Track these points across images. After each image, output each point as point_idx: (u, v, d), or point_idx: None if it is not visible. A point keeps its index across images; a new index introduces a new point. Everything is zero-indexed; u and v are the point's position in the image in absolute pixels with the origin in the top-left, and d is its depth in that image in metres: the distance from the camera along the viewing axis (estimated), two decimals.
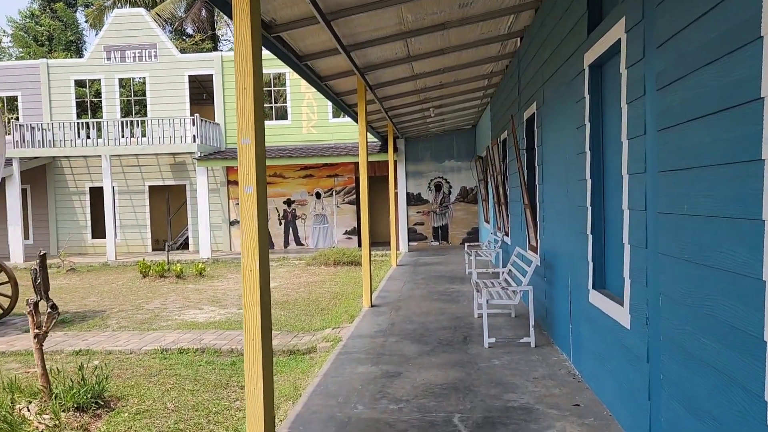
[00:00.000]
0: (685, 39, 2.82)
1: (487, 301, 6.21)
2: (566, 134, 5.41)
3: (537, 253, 7.09)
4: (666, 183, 3.07)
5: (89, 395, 5.08)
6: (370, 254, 8.83)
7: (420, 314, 8.02)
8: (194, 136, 17.57)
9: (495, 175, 11.71)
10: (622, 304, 3.85)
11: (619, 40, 3.79)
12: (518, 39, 8.23)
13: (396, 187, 18.02)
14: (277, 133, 19.08)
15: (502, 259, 10.48)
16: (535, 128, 7.11)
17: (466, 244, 12.42)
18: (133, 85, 20.87)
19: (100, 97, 20.25)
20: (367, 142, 8.90)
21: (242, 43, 3.43)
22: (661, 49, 3.11)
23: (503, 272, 7.66)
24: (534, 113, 7.18)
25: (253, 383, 3.46)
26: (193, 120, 17.59)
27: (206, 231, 17.69)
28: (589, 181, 4.62)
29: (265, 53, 5.56)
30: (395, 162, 17.70)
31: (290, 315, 9.13)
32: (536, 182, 7.29)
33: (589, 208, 4.62)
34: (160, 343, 7.39)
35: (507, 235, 10.33)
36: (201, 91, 21.24)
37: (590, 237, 4.62)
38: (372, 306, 8.74)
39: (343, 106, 10.19)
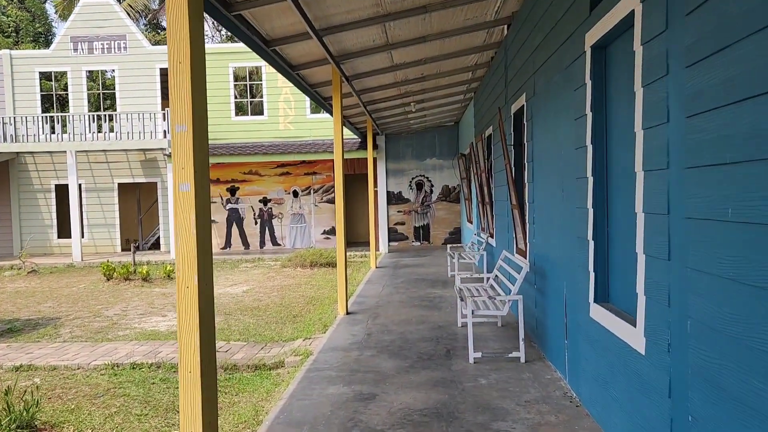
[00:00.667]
0: None
1: (472, 311, 5.62)
2: (562, 127, 4.83)
3: (526, 258, 6.52)
4: (698, 181, 2.49)
5: (15, 425, 4.38)
6: (346, 258, 8.20)
7: (399, 323, 7.41)
8: (165, 131, 16.75)
9: (479, 174, 11.15)
10: (634, 324, 3.27)
11: (632, 12, 3.21)
12: (505, 27, 7.66)
13: (376, 186, 17.41)
14: (252, 128, 18.34)
15: (486, 261, 9.92)
16: (525, 122, 6.54)
17: (449, 246, 11.87)
18: (102, 78, 19.96)
19: (67, 91, 19.31)
20: (343, 138, 8.27)
21: (176, 5, 2.75)
22: (692, 16, 2.52)
23: (489, 278, 7.09)
24: (523, 105, 6.60)
25: (190, 426, 2.81)
26: (164, 114, 16.77)
27: None
28: (590, 179, 4.04)
29: (240, 46, 4.96)
30: (375, 159, 17.08)
31: (260, 323, 8.46)
32: (525, 181, 6.73)
33: (591, 210, 4.04)
34: (112, 357, 6.68)
35: (492, 236, 9.77)
36: None
37: (591, 243, 4.05)
38: (348, 313, 8.11)
39: (318, 99, 9.53)
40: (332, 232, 18.34)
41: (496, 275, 7.00)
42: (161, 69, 18.70)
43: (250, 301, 10.31)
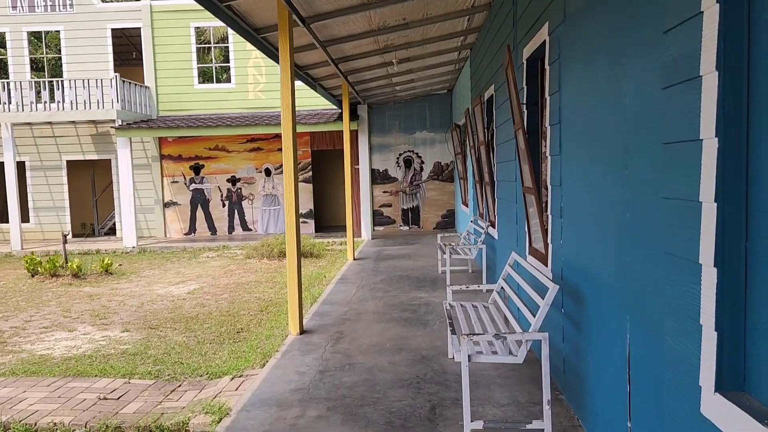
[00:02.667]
0: None
1: (469, 356, 3.59)
2: (631, 53, 2.76)
3: (547, 266, 4.49)
4: None
5: None
6: (300, 259, 6.14)
7: (368, 350, 5.40)
8: (113, 100, 14.54)
9: (476, 147, 9.06)
10: None
11: None
12: None
13: (357, 163, 15.32)
14: (218, 98, 16.14)
15: (486, 257, 7.89)
16: (546, 66, 4.46)
17: (440, 236, 9.80)
18: (46, 40, 17.63)
19: (6, 55, 16.99)
20: (293, 98, 6.18)
21: None
22: None
23: (493, 294, 5.05)
24: (544, 42, 4.51)
25: None
26: (112, 81, 14.54)
27: (130, 214, 14.79)
28: (712, 144, 1.99)
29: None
30: (356, 133, 14.96)
31: (190, 342, 6.44)
32: (546, 153, 4.68)
33: (714, 207, 2.00)
34: None
35: (493, 226, 7.73)
36: (130, 50, 18.11)
37: (714, 273, 2.01)
38: (302, 333, 6.10)
39: (267, 49, 7.39)
40: (309, 215, 16.28)
41: (502, 288, 4.97)
42: (114, 30, 16.41)
43: (191, 306, 8.28)
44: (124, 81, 14.91)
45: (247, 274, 10.80)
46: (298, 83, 15.68)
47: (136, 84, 15.45)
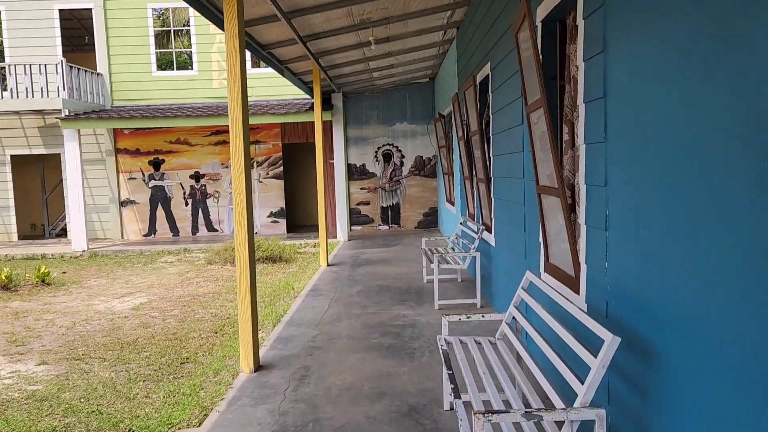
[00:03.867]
0: None
1: None
2: None
3: (579, 293, 3.32)
4: None
5: None
6: (253, 280, 4.89)
7: (340, 396, 4.20)
8: (59, 88, 13.06)
9: (466, 137, 7.90)
10: None
11: None
12: None
13: (331, 157, 14.08)
14: (179, 86, 14.73)
15: (480, 268, 6.70)
16: (579, 21, 3.28)
17: (424, 240, 8.60)
18: None
19: None
20: (243, 74, 4.93)
21: None
22: None
23: (502, 326, 3.86)
24: None
25: None
26: (58, 66, 13.05)
27: (80, 215, 13.34)
28: None
29: None
30: (330, 124, 13.70)
31: (121, 378, 5.16)
32: (571, 142, 3.52)
33: None
34: None
35: (489, 230, 6.56)
36: (82, 33, 16.56)
37: None
38: (258, 369, 4.87)
39: (210, 12, 6.09)
40: (281, 214, 14.98)
41: (514, 318, 3.79)
42: (62, 11, 14.87)
43: (132, 326, 6.98)
44: (72, 67, 13.42)
45: (206, 283, 9.49)
46: (267, 70, 14.42)
47: (86, 70, 13.97)
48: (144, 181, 14.96)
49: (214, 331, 6.64)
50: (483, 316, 3.90)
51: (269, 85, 14.69)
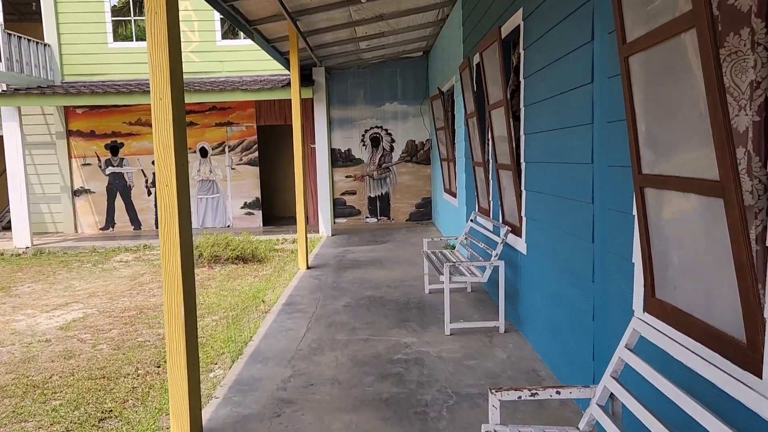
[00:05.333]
0: None
1: None
2: None
3: (763, 376, 1.79)
4: None
5: None
6: (189, 311, 3.29)
7: None
8: None
9: (480, 113, 6.37)
10: None
11: None
12: None
13: (312, 141, 12.47)
14: (139, 59, 12.95)
15: (503, 284, 5.13)
16: None
17: (426, 242, 6.95)
18: None
19: None
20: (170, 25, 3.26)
21: None
22: None
23: (591, 409, 2.33)
24: None
25: None
26: None
27: (22, 205, 11.58)
28: None
29: None
30: (311, 102, 12.07)
31: None
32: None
33: None
34: None
35: (517, 233, 5.01)
36: (27, 1, 14.62)
37: None
38: None
39: None
40: (256, 204, 13.33)
41: (612, 396, 2.25)
42: None
43: (53, 355, 5.36)
44: (11, 35, 11.60)
45: (161, 290, 7.87)
46: (240, 42, 12.71)
47: (30, 40, 12.14)
48: (100, 167, 13.21)
49: (155, 363, 5.05)
50: (558, 392, 2.35)
51: (242, 58, 12.98)
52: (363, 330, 5.34)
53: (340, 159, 13.06)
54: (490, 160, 6.09)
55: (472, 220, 6.57)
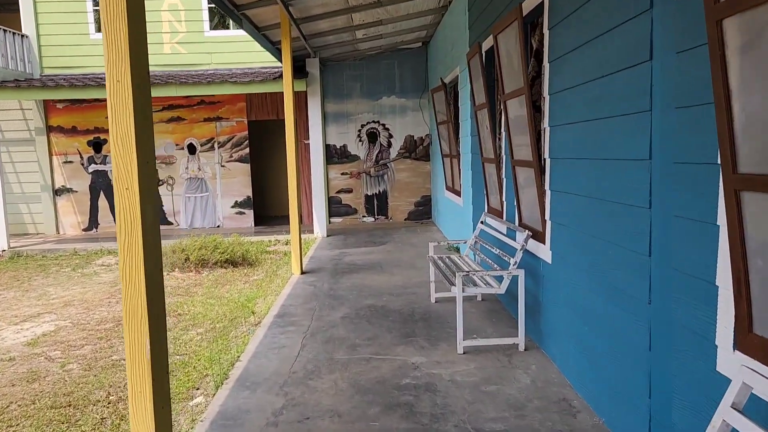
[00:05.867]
0: None
1: None
2: None
3: None
4: None
5: None
6: (154, 336, 2.69)
7: None
8: None
9: (492, 105, 5.80)
10: None
11: None
12: None
13: (306, 137, 11.88)
14: None
15: (524, 289, 4.55)
16: None
17: (432, 246, 6.30)
18: None
19: None
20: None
21: None
22: None
23: None
24: None
25: None
26: None
27: None
28: None
29: None
30: (305, 96, 11.45)
31: None
32: None
33: None
34: None
35: (540, 240, 4.43)
36: None
37: None
38: None
39: None
40: (247, 204, 12.71)
41: None
42: None
43: (15, 378, 4.75)
44: None
45: None
46: (230, 33, 12.07)
47: (6, 30, 11.46)
48: (83, 165, 12.56)
49: (120, 394, 4.45)
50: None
51: (231, 49, 12.34)
52: (364, 347, 4.76)
53: (335, 155, 12.46)
54: (504, 156, 5.51)
55: (482, 222, 5.99)
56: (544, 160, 4.23)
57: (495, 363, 4.28)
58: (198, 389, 4.26)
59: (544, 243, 4.30)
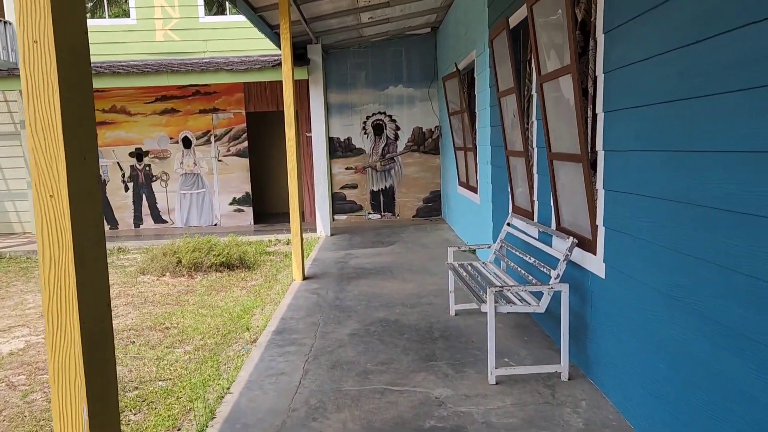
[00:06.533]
0: None
1: None
2: None
3: None
4: None
5: None
6: (95, 396, 1.97)
7: None
8: None
9: (522, 90, 5.06)
10: None
11: None
12: None
13: (308, 129, 11.15)
14: (112, 38, 11.56)
15: (567, 307, 3.81)
16: None
17: (451, 251, 5.47)
18: None
19: None
20: None
21: None
22: None
23: None
24: None
25: None
26: None
27: None
28: None
29: None
30: (306, 85, 10.71)
31: None
32: None
33: None
34: None
35: (589, 250, 3.68)
36: None
37: None
38: None
39: None
40: (246, 200, 11.99)
41: None
42: None
43: None
44: None
45: (126, 308, 6.54)
46: (227, 19, 11.31)
47: None
48: None
49: None
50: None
51: (228, 36, 11.58)
52: (378, 374, 4.03)
53: (339, 149, 11.72)
54: (535, 149, 4.77)
55: (508, 224, 5.25)
56: (597, 152, 3.49)
57: (536, 397, 3.55)
58: (179, 430, 3.54)
59: (594, 253, 3.57)
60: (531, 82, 4.99)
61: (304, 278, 7.08)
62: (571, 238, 3.80)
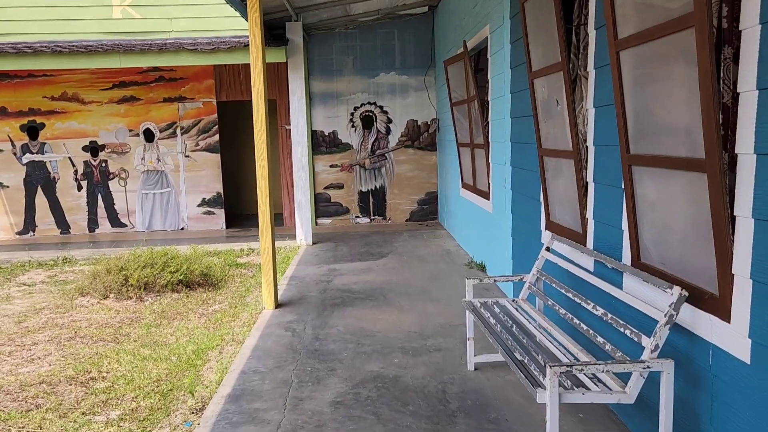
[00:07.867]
0: None
1: None
2: None
3: None
4: None
5: None
6: None
7: None
8: None
9: (574, 70, 3.70)
10: None
11: None
12: None
13: (287, 121, 9.76)
14: (63, 14, 10.02)
15: (674, 395, 2.49)
16: None
17: (470, 283, 4.06)
18: None
19: None
20: None
21: None
22: None
23: None
24: None
25: None
26: None
27: None
28: None
29: None
30: (285, 69, 9.30)
31: None
32: None
33: None
34: None
35: (712, 311, 2.33)
36: None
37: None
38: None
39: None
40: (217, 201, 10.54)
41: None
42: None
43: None
44: None
45: (47, 346, 5.10)
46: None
47: None
48: (15, 154, 10.31)
49: None
50: None
51: (197, 14, 10.11)
52: None
53: (323, 144, 10.32)
54: (592, 147, 3.43)
55: (548, 249, 3.89)
56: (735, 156, 2.15)
57: None
58: None
59: (724, 318, 2.23)
60: (585, 55, 3.64)
61: (277, 306, 5.69)
62: (676, 288, 2.45)
